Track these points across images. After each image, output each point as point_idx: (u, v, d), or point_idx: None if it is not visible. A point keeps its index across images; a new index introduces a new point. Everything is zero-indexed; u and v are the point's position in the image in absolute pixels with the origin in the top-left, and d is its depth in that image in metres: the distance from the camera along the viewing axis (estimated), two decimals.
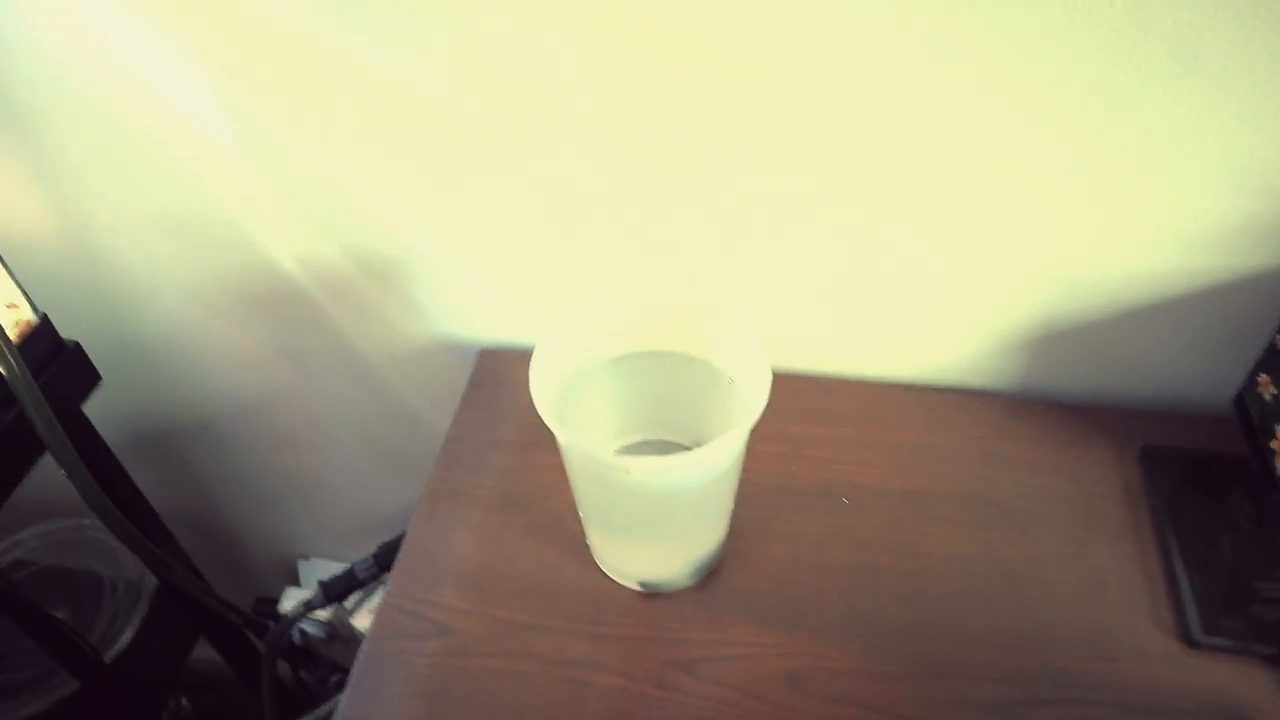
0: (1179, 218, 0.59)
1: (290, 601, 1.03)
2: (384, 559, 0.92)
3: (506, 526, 0.62)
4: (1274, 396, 0.65)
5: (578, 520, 0.61)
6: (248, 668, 1.14)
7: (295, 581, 1.12)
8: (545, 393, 0.48)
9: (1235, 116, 0.53)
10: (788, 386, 0.68)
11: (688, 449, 0.45)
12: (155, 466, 0.99)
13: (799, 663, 0.55)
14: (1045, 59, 0.52)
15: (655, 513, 0.53)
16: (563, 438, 0.49)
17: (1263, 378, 0.66)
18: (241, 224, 0.73)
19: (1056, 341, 0.68)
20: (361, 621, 1.04)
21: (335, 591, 0.95)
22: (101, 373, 0.74)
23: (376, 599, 1.05)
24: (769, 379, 0.48)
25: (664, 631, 0.57)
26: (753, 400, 0.48)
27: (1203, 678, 0.55)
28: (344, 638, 1.05)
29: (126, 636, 0.95)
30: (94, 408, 0.72)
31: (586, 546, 0.61)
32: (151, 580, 1.00)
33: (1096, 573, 0.60)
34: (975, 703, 0.53)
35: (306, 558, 1.11)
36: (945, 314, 0.68)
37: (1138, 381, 0.70)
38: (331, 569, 0.98)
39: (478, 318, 0.76)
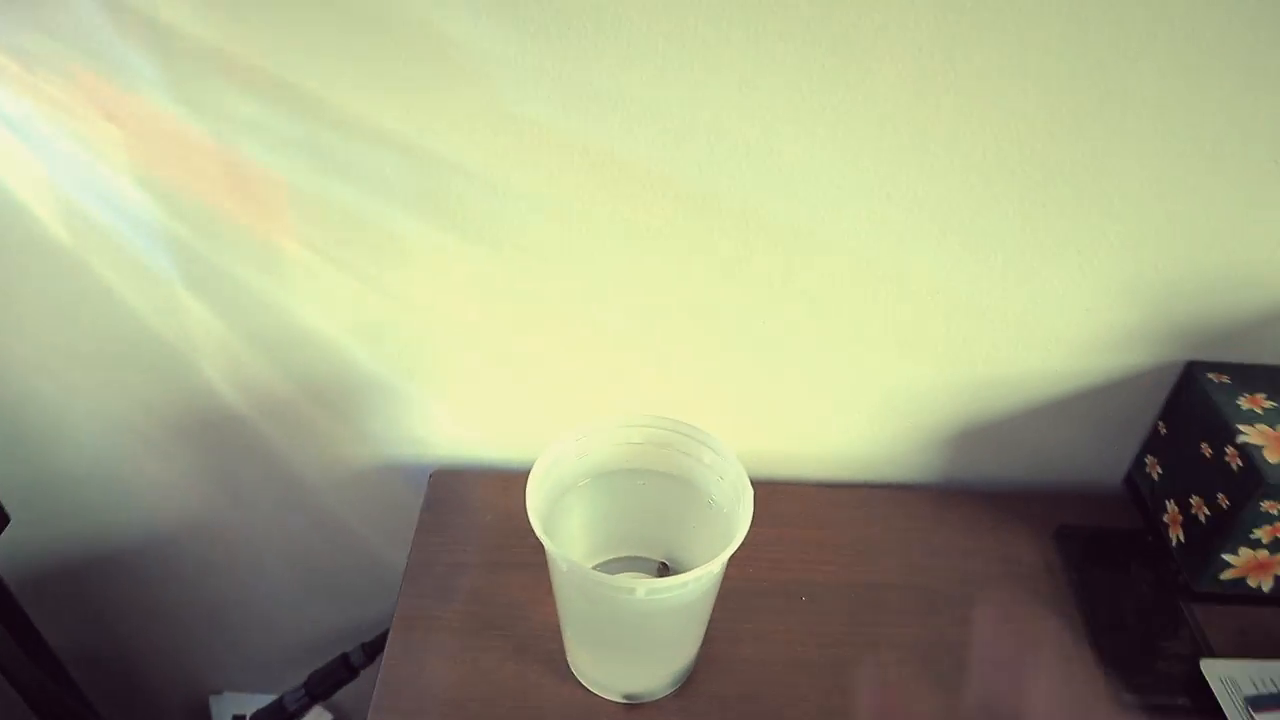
0: (1069, 326, 0.68)
1: None
2: (316, 688, 0.89)
3: (483, 650, 0.63)
4: (1160, 475, 0.73)
5: (555, 637, 0.62)
6: None
7: (206, 718, 1.06)
8: (538, 516, 0.50)
9: (1116, 241, 0.62)
10: None
11: (656, 564, 0.48)
12: (54, 603, 0.92)
13: None
14: (966, 200, 0.60)
15: (647, 628, 0.55)
16: (564, 563, 0.50)
17: (1149, 459, 0.75)
18: (177, 353, 0.72)
19: (973, 437, 0.75)
20: None
21: None
22: (10, 510, 0.70)
23: None
24: (750, 493, 0.52)
25: None
26: (740, 514, 0.51)
27: None
28: None
29: None
30: None
31: (566, 663, 0.62)
32: None
33: (1033, 644, 0.65)
34: None
35: (219, 693, 1.05)
36: (877, 418, 0.74)
37: (1047, 468, 0.77)
38: (248, 704, 0.94)
39: (430, 438, 0.77)
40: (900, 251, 0.63)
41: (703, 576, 0.49)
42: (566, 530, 0.59)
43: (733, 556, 0.63)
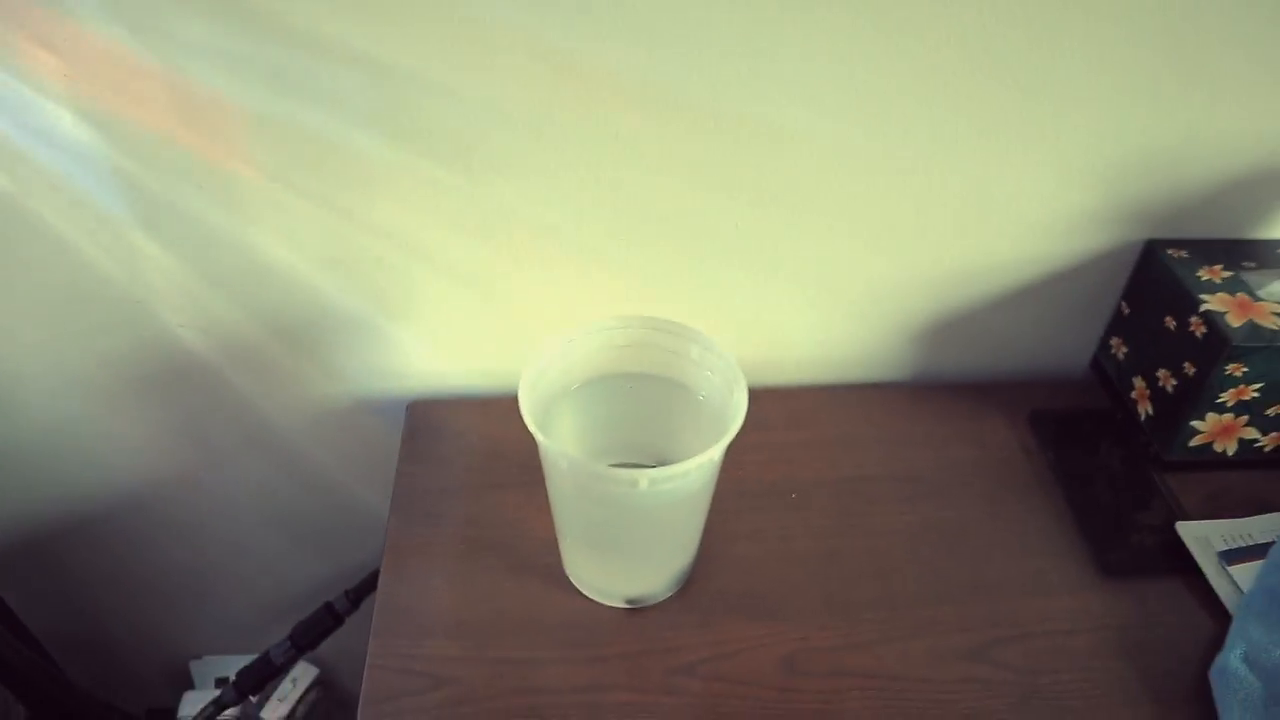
0: (1033, 211, 0.69)
1: (191, 707, 0.96)
2: (302, 639, 0.88)
3: (480, 570, 0.62)
4: (1125, 354, 0.75)
5: (551, 551, 0.62)
6: None
7: (189, 685, 1.04)
8: (533, 418, 0.50)
9: (1077, 124, 0.63)
10: None
11: (650, 469, 0.48)
12: (24, 576, 0.90)
13: (789, 648, 0.58)
14: (930, 95, 0.61)
15: (649, 526, 0.55)
16: (562, 460, 0.50)
17: (1114, 340, 0.77)
18: (134, 299, 0.69)
19: (945, 330, 0.76)
20: (272, 713, 0.99)
21: (249, 683, 0.90)
22: None
23: (286, 686, 1.00)
24: (743, 380, 0.52)
25: (659, 643, 0.59)
26: (734, 404, 0.51)
27: (1121, 598, 0.63)
28: None
29: None
30: None
31: (565, 576, 0.62)
32: (20, 716, 0.91)
33: (1017, 524, 0.67)
34: (950, 652, 0.59)
35: (199, 657, 1.04)
36: (852, 317, 0.74)
37: (1017, 356, 0.79)
38: (230, 665, 0.93)
39: (404, 370, 0.75)
40: (868, 147, 0.64)
41: (704, 464, 0.49)
42: (557, 439, 0.58)
43: (721, 461, 0.63)
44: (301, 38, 0.56)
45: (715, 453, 0.49)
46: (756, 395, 0.75)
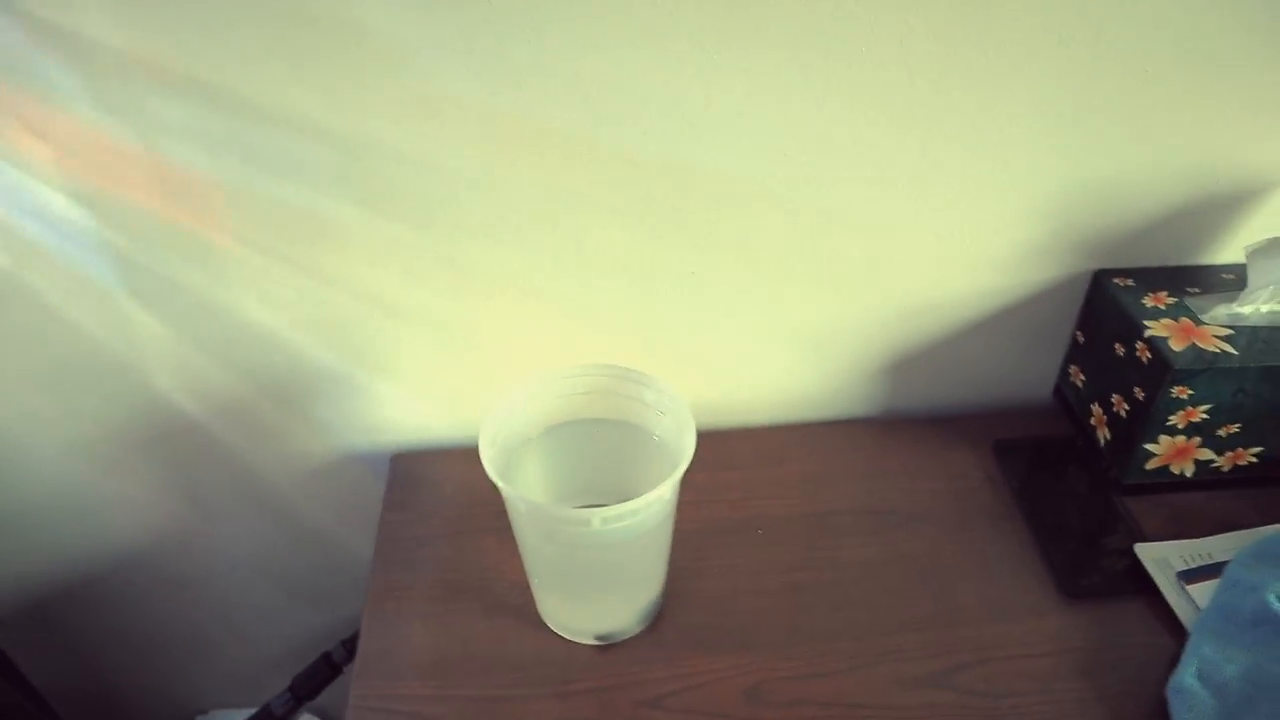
0: (984, 246, 0.72)
1: None
2: (301, 689, 0.90)
3: (455, 612, 0.65)
4: (1084, 382, 0.77)
5: (524, 593, 0.65)
6: None
7: None
8: (494, 466, 0.52)
9: (1022, 161, 0.66)
10: None
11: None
12: (29, 636, 0.93)
13: (754, 679, 0.60)
14: (877, 139, 0.64)
15: (609, 563, 0.57)
16: (521, 502, 0.53)
17: (1073, 368, 0.79)
18: (128, 366, 0.73)
19: (908, 365, 0.79)
20: None
21: None
22: None
23: None
24: (692, 421, 0.55)
25: (626, 677, 0.61)
26: (683, 442, 0.54)
27: (1082, 620, 0.64)
28: None
29: None
30: None
31: (537, 614, 0.64)
32: None
33: (981, 552, 0.69)
34: (912, 680, 0.60)
35: (205, 712, 1.06)
36: (815, 356, 0.77)
37: (981, 387, 0.81)
38: (235, 719, 0.94)
39: (387, 424, 0.78)
40: (820, 192, 0.67)
41: (654, 502, 0.52)
42: (523, 485, 0.61)
43: (690, 499, 0.66)
44: (270, 114, 0.60)
45: (665, 490, 0.52)
46: (726, 435, 0.79)
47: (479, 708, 0.59)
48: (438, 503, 0.73)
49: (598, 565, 0.57)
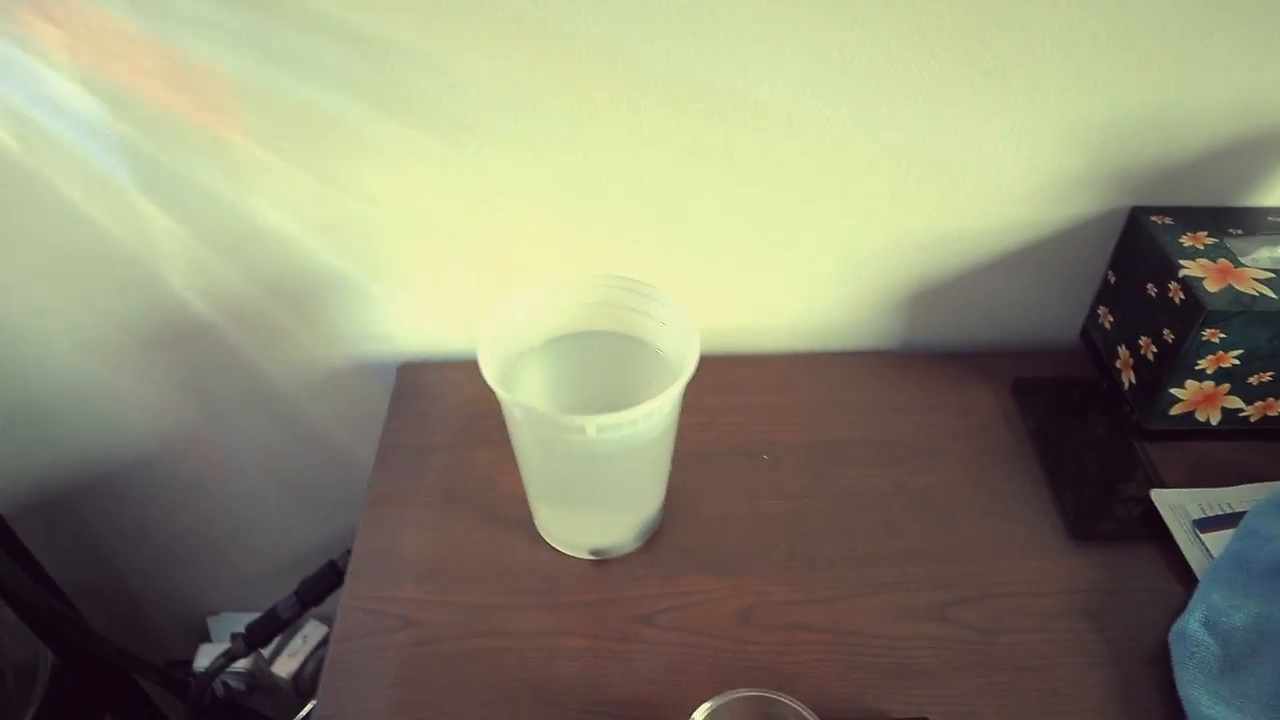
0: (1016, 176, 0.69)
1: (205, 659, 1.00)
2: (307, 595, 0.91)
3: (453, 520, 0.65)
4: (1112, 323, 0.75)
5: (522, 506, 0.64)
6: None
7: (208, 639, 1.08)
8: (493, 372, 0.52)
9: (1059, 88, 0.63)
10: (699, 365, 0.74)
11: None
12: (47, 531, 0.94)
13: (748, 601, 0.60)
14: (909, 62, 0.61)
15: (605, 475, 0.56)
16: (516, 408, 0.52)
17: (1101, 309, 0.76)
18: (141, 262, 0.73)
19: (930, 298, 0.76)
20: (283, 667, 1.03)
21: (257, 637, 0.93)
22: None
23: (297, 643, 1.04)
24: (696, 331, 0.53)
25: (619, 592, 0.60)
26: (686, 355, 0.52)
27: (1090, 563, 0.62)
28: (265, 687, 1.02)
29: None
30: None
31: (534, 527, 0.64)
32: (47, 660, 0.96)
33: (989, 489, 0.67)
34: (909, 611, 0.59)
35: (216, 613, 1.08)
36: (835, 284, 0.75)
37: (1004, 326, 0.79)
38: (244, 621, 0.96)
39: (395, 332, 0.78)
40: (848, 116, 0.64)
41: (652, 414, 0.51)
42: (524, 396, 0.60)
43: (695, 422, 0.65)
44: (291, 10, 0.58)
45: (663, 402, 0.50)
46: (737, 361, 0.77)
47: (470, 614, 0.59)
48: (442, 413, 0.73)
49: (593, 476, 0.57)
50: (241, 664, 0.98)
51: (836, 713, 0.53)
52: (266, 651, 1.01)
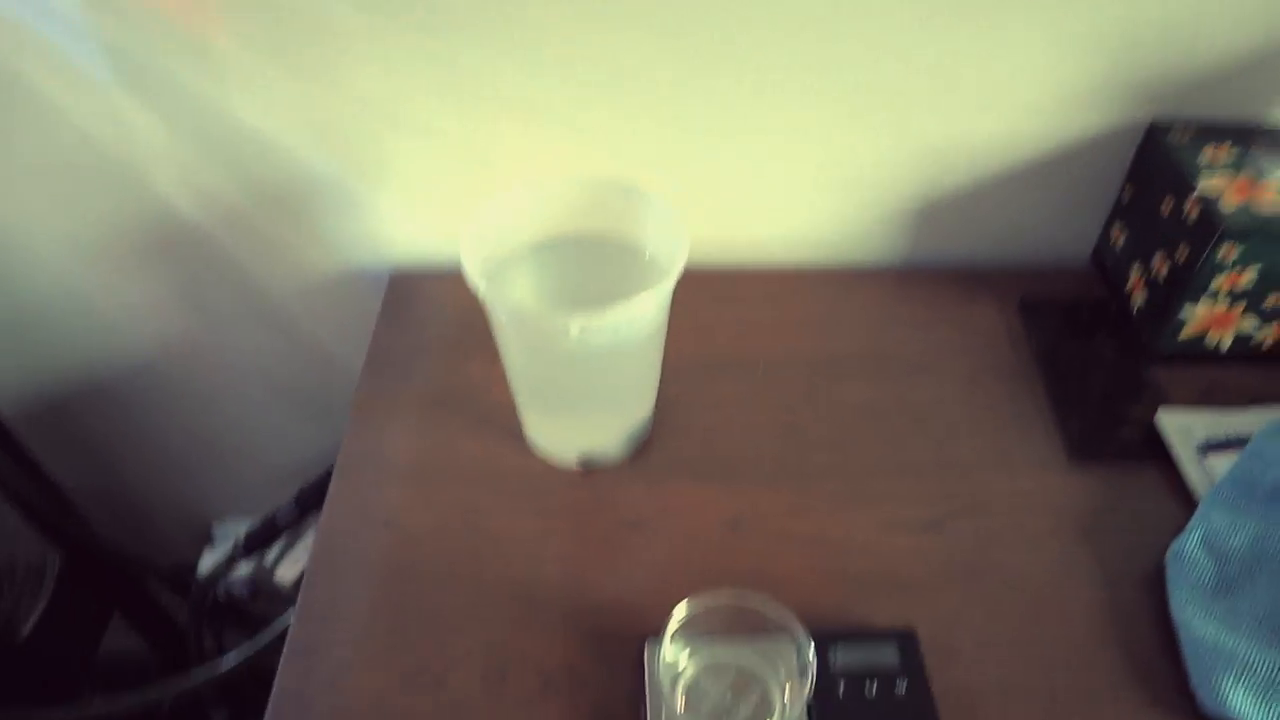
0: (1028, 86, 0.66)
1: (208, 563, 1.01)
2: (306, 501, 0.92)
3: (441, 425, 0.64)
4: (1125, 243, 0.72)
5: (511, 414, 0.63)
6: (169, 645, 1.11)
7: (210, 543, 1.09)
8: (474, 268, 0.50)
9: None
10: (695, 278, 0.71)
11: None
12: (50, 437, 0.95)
13: (737, 511, 0.59)
14: None
15: (592, 379, 0.55)
16: (499, 307, 0.51)
17: (1114, 229, 0.74)
18: (127, 164, 0.71)
19: (937, 212, 0.74)
20: (286, 573, 1.03)
21: (256, 541, 0.94)
22: None
23: (299, 549, 1.05)
24: (685, 233, 0.51)
25: (606, 499, 0.60)
26: (675, 256, 0.51)
27: (1089, 483, 0.61)
28: (268, 593, 1.03)
29: (30, 624, 0.91)
30: None
31: (523, 436, 0.63)
32: (55, 561, 0.97)
33: (992, 406, 0.66)
34: (900, 524, 0.58)
35: (221, 519, 1.09)
36: (839, 195, 0.73)
37: (1011, 244, 0.77)
38: (249, 528, 0.97)
39: (387, 240, 0.76)
40: (855, 17, 0.61)
41: (637, 315, 0.49)
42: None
43: (689, 332, 0.63)
44: None
45: (648, 302, 0.49)
46: (735, 274, 0.75)
47: (454, 517, 0.59)
48: (433, 322, 0.72)
49: (580, 380, 0.55)
50: (245, 570, 0.99)
51: (821, 620, 0.52)
52: (269, 559, 1.02)
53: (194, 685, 0.78)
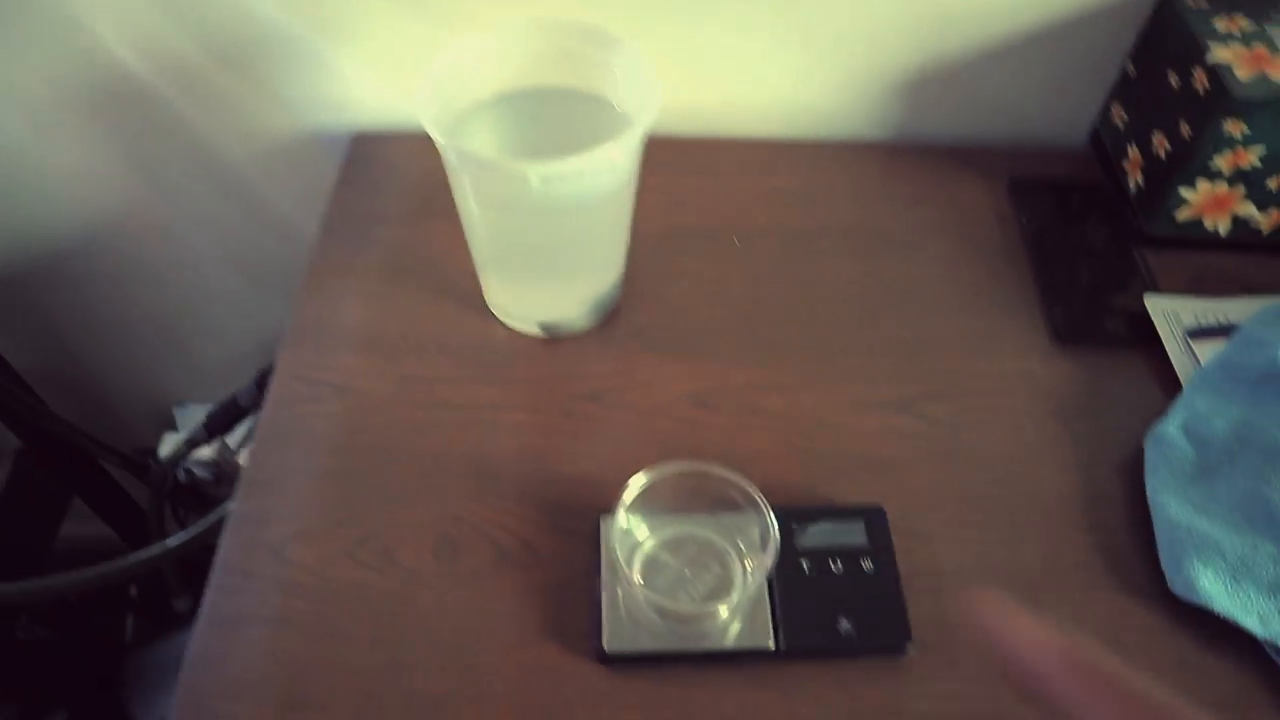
0: None
1: (169, 446, 0.99)
2: (266, 383, 0.89)
3: (399, 292, 0.61)
4: (1125, 122, 0.68)
5: (473, 281, 0.60)
6: (133, 530, 1.10)
7: (173, 428, 1.07)
8: (431, 116, 0.46)
9: None
10: (669, 146, 0.68)
11: None
12: (7, 316, 0.91)
13: (704, 384, 0.56)
14: None
15: (555, 236, 0.52)
16: (455, 155, 0.47)
17: (1115, 107, 0.70)
18: (72, 15, 0.66)
19: (929, 84, 0.70)
20: (248, 457, 1.01)
21: (218, 423, 0.92)
22: None
23: None
24: (657, 82, 0.47)
25: (568, 370, 0.57)
26: (646, 105, 0.47)
27: (1072, 367, 0.59)
28: (231, 476, 1.01)
29: None
30: None
31: (484, 301, 0.60)
32: (12, 444, 0.94)
33: (976, 286, 0.63)
34: (873, 402, 0.56)
35: (183, 404, 1.06)
36: (823, 59, 0.68)
37: (1004, 120, 0.73)
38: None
39: (348, 100, 0.71)
40: None
41: (604, 168, 0.46)
42: None
43: (662, 201, 0.60)
44: None
45: (614, 151, 0.45)
46: (714, 144, 0.71)
47: (409, 386, 0.56)
48: (395, 185, 0.68)
49: (543, 239, 0.52)
50: (207, 453, 0.97)
51: (788, 497, 0.51)
52: (233, 442, 1.00)
53: (141, 562, 0.76)
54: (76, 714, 0.98)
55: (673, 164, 0.68)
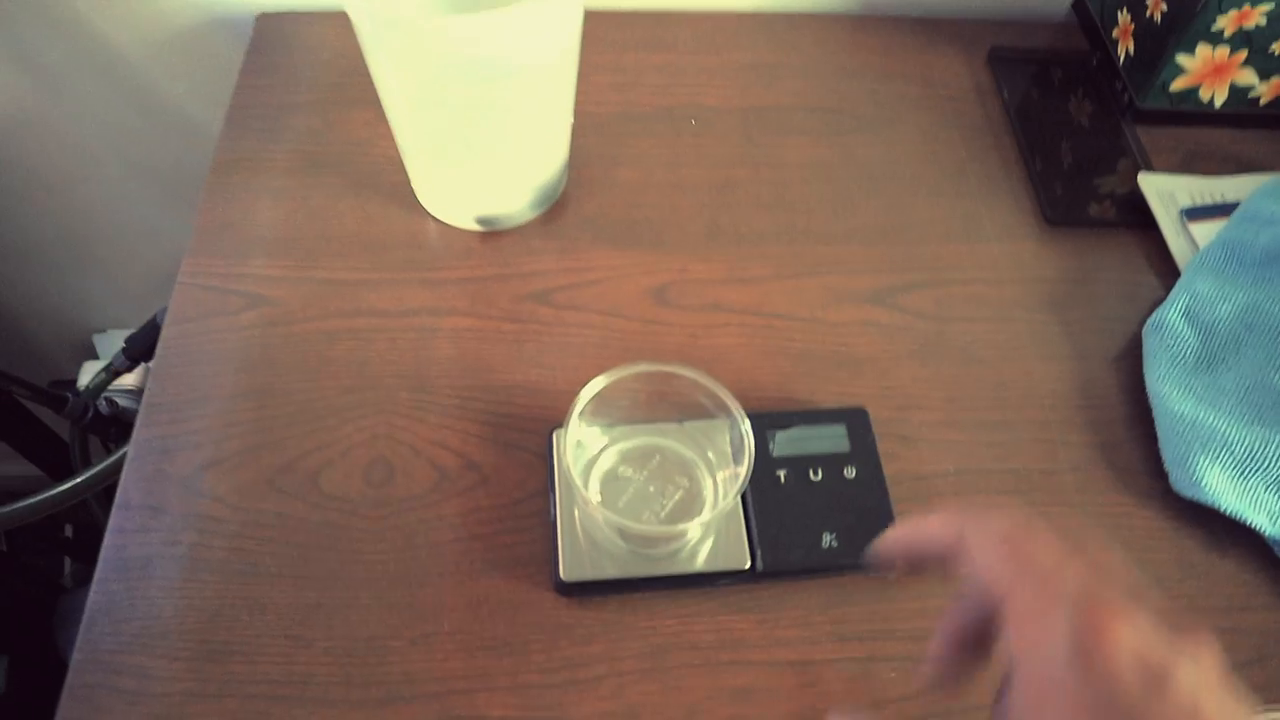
0: None
1: (89, 375, 0.92)
2: None
3: (316, 188, 0.54)
4: None
5: (400, 171, 0.53)
6: (60, 467, 1.02)
7: (93, 356, 0.99)
8: None
9: None
10: (616, 19, 0.62)
11: None
12: None
13: (663, 279, 0.51)
14: None
15: (487, 112, 0.45)
16: (367, 19, 0.40)
17: None
18: None
19: None
20: None
21: (140, 349, 0.85)
22: None
23: None
24: None
25: (511, 268, 0.51)
26: None
27: (1061, 250, 0.54)
28: None
29: None
30: None
31: (413, 194, 0.53)
32: None
33: (956, 165, 0.58)
34: (851, 294, 0.51)
35: (103, 330, 0.98)
36: None
37: None
38: None
39: None
40: None
41: (537, 26, 0.39)
42: None
43: (611, 81, 0.55)
44: None
45: (544, 9, 0.38)
46: (666, 17, 0.64)
47: (331, 291, 0.50)
48: (307, 69, 0.60)
49: (474, 115, 0.45)
50: (131, 381, 0.90)
51: (760, 401, 0.46)
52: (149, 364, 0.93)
53: (50, 498, 0.69)
54: (17, 660, 0.93)
55: (622, 41, 0.61)
